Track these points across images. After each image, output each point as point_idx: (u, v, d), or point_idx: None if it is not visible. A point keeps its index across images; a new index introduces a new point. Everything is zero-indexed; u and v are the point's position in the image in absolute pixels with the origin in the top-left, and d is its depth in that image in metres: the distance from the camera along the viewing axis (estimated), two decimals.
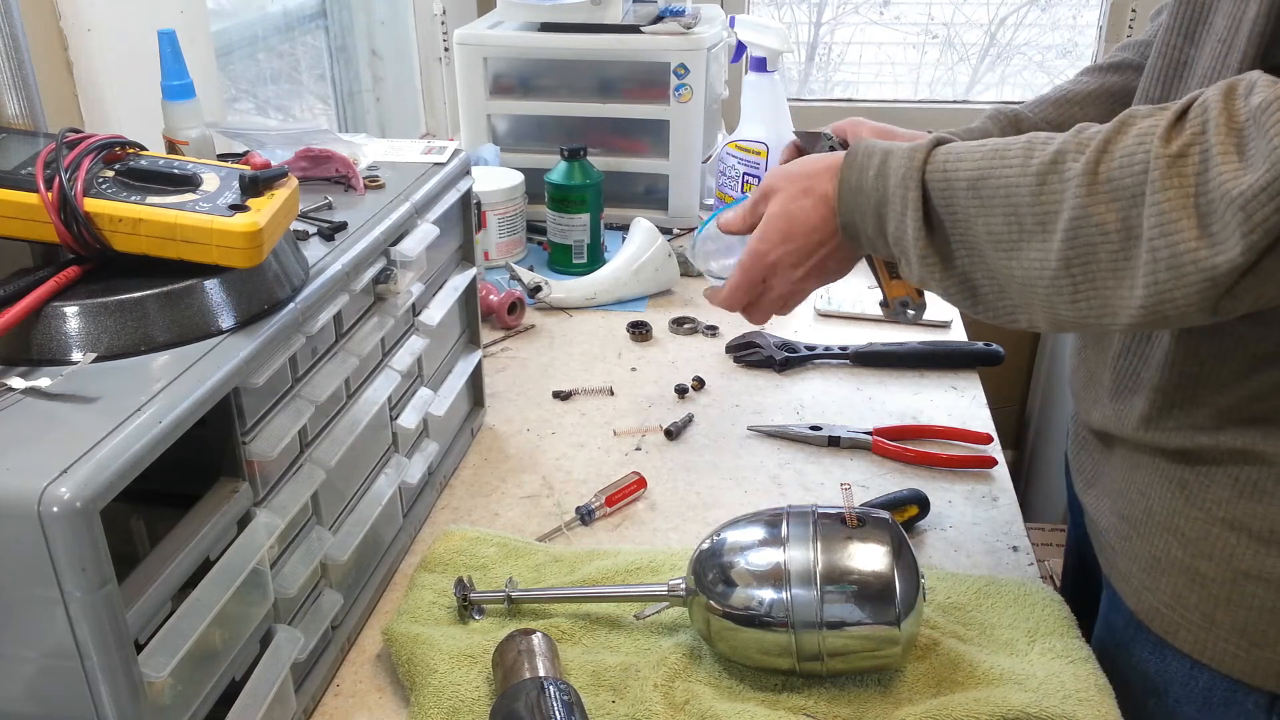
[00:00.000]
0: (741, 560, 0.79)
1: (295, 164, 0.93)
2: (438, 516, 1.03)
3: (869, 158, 0.78)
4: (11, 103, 0.79)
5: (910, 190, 0.73)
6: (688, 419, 1.18)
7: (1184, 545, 0.76)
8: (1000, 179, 0.68)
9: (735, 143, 1.54)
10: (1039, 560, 0.97)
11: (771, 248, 0.84)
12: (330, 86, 1.85)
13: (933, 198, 0.73)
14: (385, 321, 0.87)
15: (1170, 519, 0.77)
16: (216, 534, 0.63)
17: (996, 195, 0.69)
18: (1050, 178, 0.66)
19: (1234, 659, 0.75)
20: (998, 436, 1.14)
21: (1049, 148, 0.67)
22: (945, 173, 0.72)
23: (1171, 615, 0.78)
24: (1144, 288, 0.61)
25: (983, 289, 0.73)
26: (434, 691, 0.77)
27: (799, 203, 0.82)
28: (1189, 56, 0.75)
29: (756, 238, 0.85)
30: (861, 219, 0.79)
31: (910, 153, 0.74)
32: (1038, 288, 0.68)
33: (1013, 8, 2.29)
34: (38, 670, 0.54)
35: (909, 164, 0.74)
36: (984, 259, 0.71)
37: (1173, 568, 0.77)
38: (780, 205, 0.84)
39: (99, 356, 0.61)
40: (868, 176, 0.78)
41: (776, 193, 0.84)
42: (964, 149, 0.72)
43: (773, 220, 0.84)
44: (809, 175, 0.83)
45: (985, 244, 0.70)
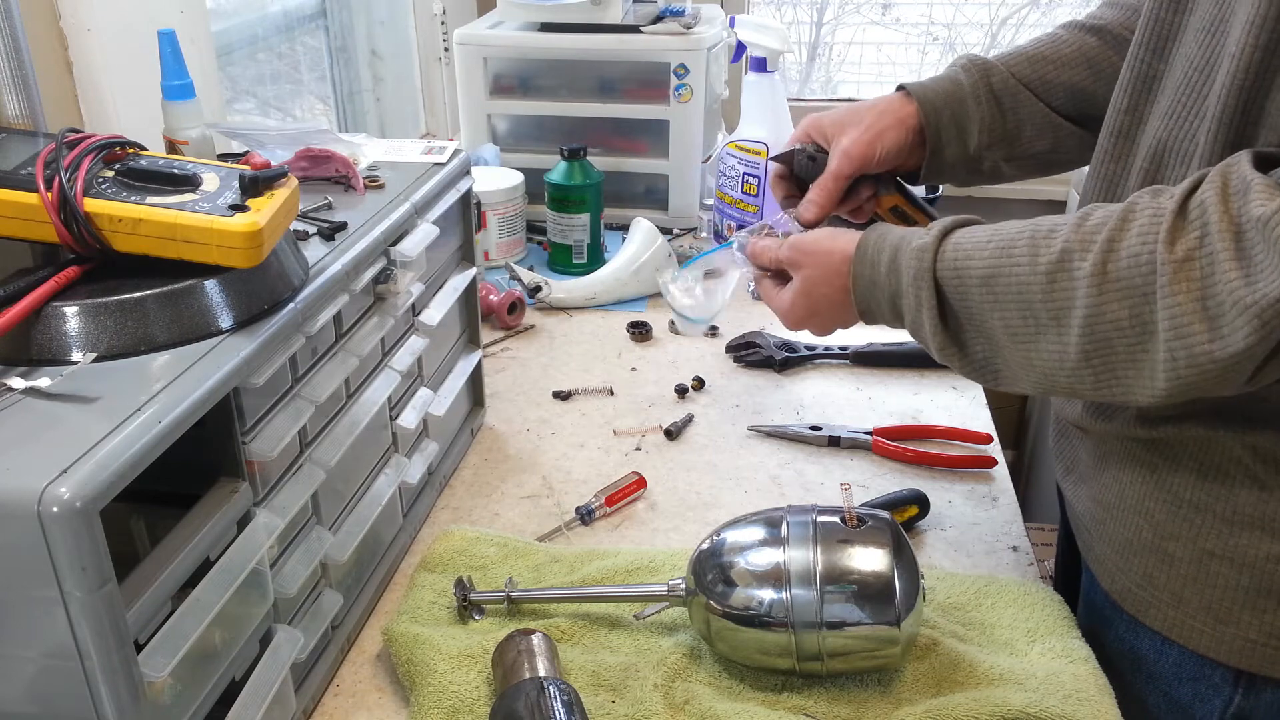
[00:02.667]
0: (741, 560, 0.79)
1: (295, 164, 0.93)
2: (438, 516, 1.03)
3: (879, 253, 0.81)
4: (11, 103, 0.79)
5: (923, 289, 0.76)
6: (688, 419, 1.18)
7: (1153, 528, 0.79)
8: (1010, 276, 0.71)
9: (735, 143, 1.54)
10: (1039, 560, 0.97)
11: (800, 319, 0.90)
12: (330, 86, 1.85)
13: (947, 293, 0.76)
14: (385, 321, 0.87)
15: (1140, 503, 0.79)
16: (216, 534, 0.63)
17: (1009, 292, 0.71)
18: (1059, 276, 0.68)
19: (1201, 635, 0.77)
20: (998, 436, 1.14)
21: (1054, 244, 0.69)
22: (957, 270, 0.75)
23: (1143, 594, 0.80)
24: (1165, 380, 0.65)
25: (1002, 373, 0.76)
26: (434, 691, 0.77)
27: (819, 289, 0.87)
28: (1158, 72, 0.77)
29: (787, 306, 0.90)
30: (878, 308, 0.83)
31: (919, 252, 0.77)
32: (1059, 376, 0.71)
33: (1013, 8, 2.29)
34: (38, 670, 0.54)
35: (919, 264, 0.76)
36: (1000, 348, 0.74)
37: (1143, 549, 0.80)
38: (803, 287, 0.88)
39: (99, 356, 0.61)
40: (879, 272, 0.81)
41: (801, 270, 0.88)
42: (971, 244, 0.75)
43: (798, 298, 0.89)
44: (827, 266, 0.86)
45: (1002, 336, 0.73)
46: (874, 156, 0.95)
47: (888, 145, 0.95)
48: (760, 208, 1.53)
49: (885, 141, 0.95)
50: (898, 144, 0.95)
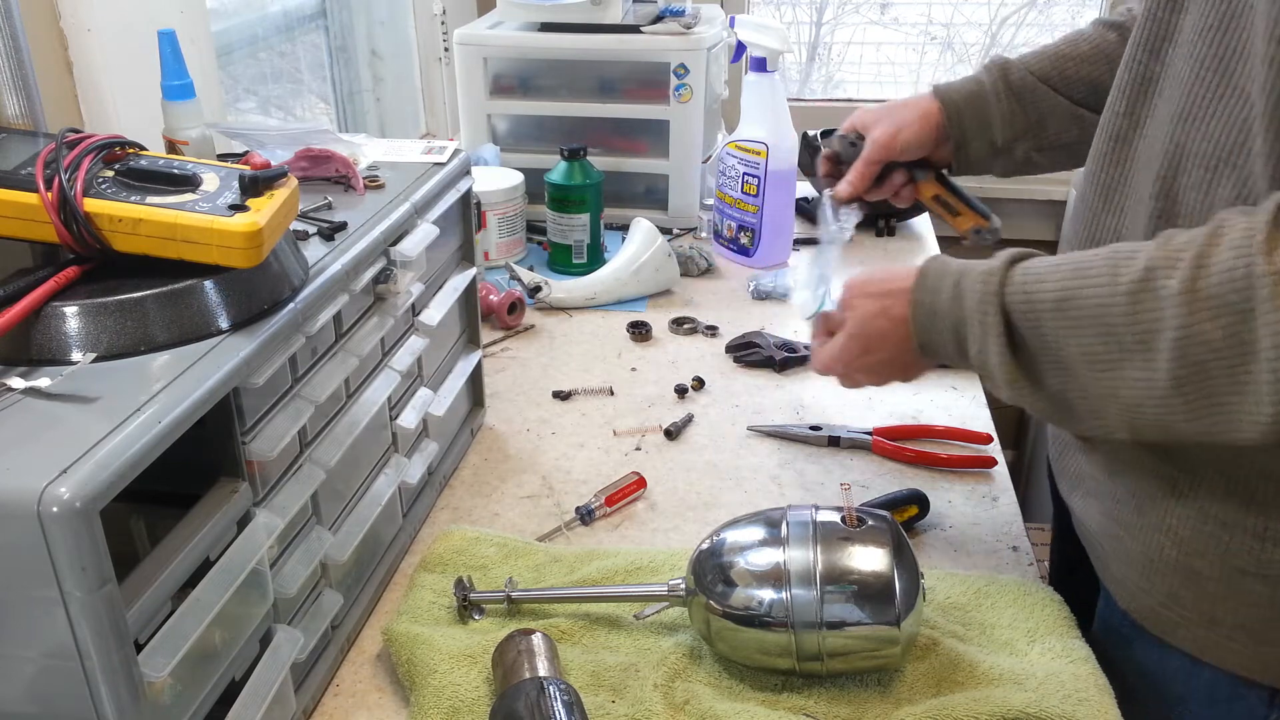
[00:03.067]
0: (741, 560, 0.79)
1: (295, 164, 0.93)
2: (438, 516, 1.03)
3: (941, 279, 0.77)
4: (11, 103, 0.79)
5: (990, 315, 0.72)
6: (688, 419, 1.18)
7: (1177, 544, 0.76)
8: (1088, 298, 0.66)
9: (735, 143, 1.54)
10: (1039, 560, 0.97)
11: (852, 359, 0.85)
12: (330, 86, 1.85)
13: (1015, 320, 0.71)
14: (385, 321, 0.87)
15: (1162, 519, 0.77)
16: (216, 534, 0.63)
17: (1086, 315, 0.67)
18: (1143, 295, 0.64)
19: (1237, 655, 0.75)
20: (998, 436, 1.14)
21: (1135, 263, 0.65)
22: (1027, 294, 0.70)
23: (1169, 615, 0.78)
24: (1273, 404, 0.60)
25: (1078, 408, 0.70)
26: (434, 691, 0.77)
27: (875, 324, 0.82)
28: (1154, 73, 0.76)
29: (838, 348, 0.86)
30: (940, 340, 0.78)
31: (985, 275, 0.73)
32: (1146, 407, 0.66)
33: (1013, 8, 2.29)
34: (38, 670, 0.54)
35: (984, 287, 0.72)
36: (1078, 379, 0.69)
37: (1167, 567, 0.77)
38: (857, 325, 0.84)
39: (99, 356, 0.61)
40: (941, 299, 0.76)
41: (854, 308, 0.84)
42: (1042, 268, 0.70)
43: (851, 339, 0.84)
44: (884, 295, 0.82)
45: (1080, 364, 0.68)
46: (896, 146, 1.05)
47: (907, 138, 1.04)
48: (760, 208, 1.53)
49: (905, 134, 1.05)
50: (918, 137, 1.05)
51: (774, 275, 1.52)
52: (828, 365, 0.88)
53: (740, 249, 1.60)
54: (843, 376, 0.88)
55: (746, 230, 1.57)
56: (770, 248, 1.57)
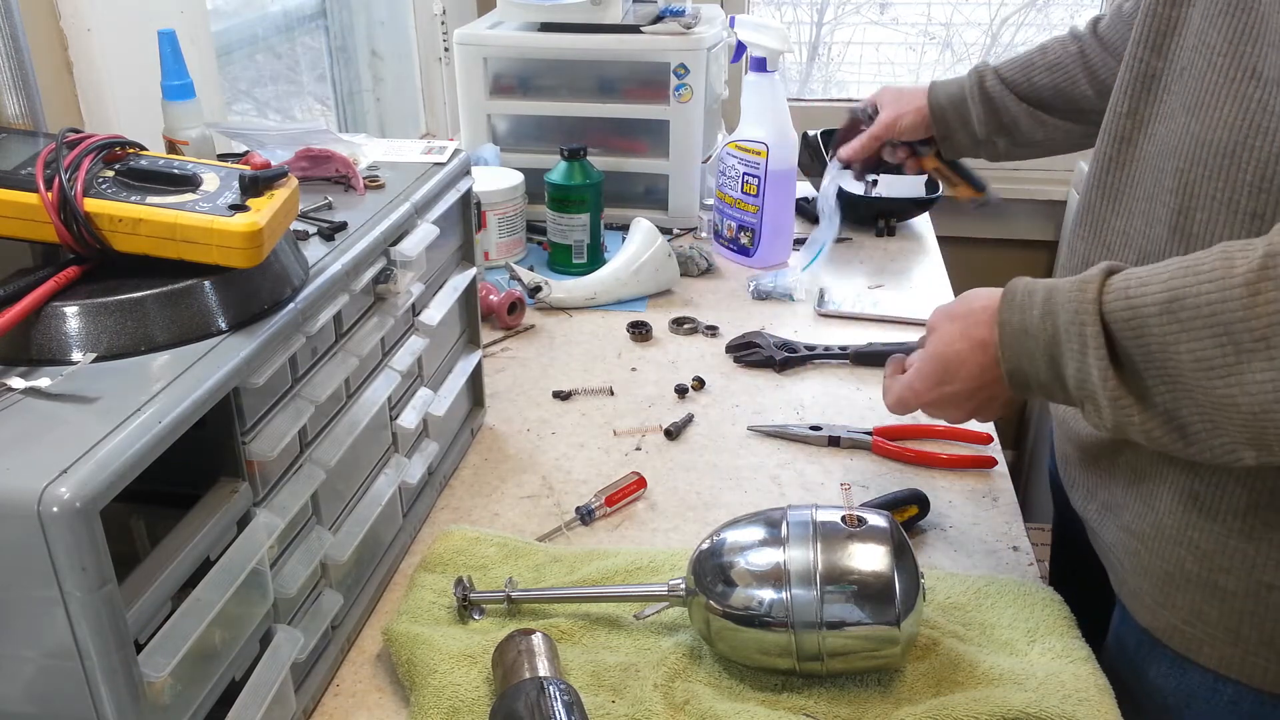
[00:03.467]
0: (741, 560, 0.79)
1: (295, 164, 0.93)
2: (438, 516, 1.03)
3: (1030, 295, 0.71)
4: (11, 103, 0.79)
5: (1088, 326, 0.65)
6: (688, 419, 1.18)
7: (1199, 559, 0.74)
8: (1200, 297, 0.60)
9: (735, 143, 1.54)
10: (1039, 560, 0.97)
11: (928, 387, 0.80)
12: (330, 87, 1.85)
13: (1116, 331, 0.65)
14: (385, 321, 0.87)
15: (1183, 532, 0.74)
16: (216, 534, 0.63)
17: (1199, 316, 0.60)
18: (1265, 285, 0.57)
19: (1264, 671, 0.73)
20: (998, 436, 1.14)
21: (1252, 253, 0.59)
22: (1129, 300, 0.64)
23: (1191, 631, 0.76)
24: None
25: (1193, 426, 0.64)
26: (434, 691, 0.77)
27: (954, 347, 0.76)
28: (1157, 69, 0.75)
29: (914, 374, 0.81)
30: (1031, 364, 0.71)
31: (1080, 285, 0.67)
32: (1275, 414, 0.59)
33: (1013, 8, 2.29)
34: (38, 670, 0.54)
35: (1080, 296, 0.66)
36: (1190, 391, 0.62)
37: (1188, 583, 0.75)
38: (935, 347, 0.78)
39: (99, 356, 0.61)
40: (1032, 316, 0.70)
41: (934, 331, 0.80)
42: (1145, 273, 0.64)
43: (928, 361, 0.79)
44: (966, 316, 0.76)
45: (1193, 373, 0.61)
46: (896, 129, 1.33)
47: (905, 124, 1.32)
48: (760, 208, 1.53)
49: (904, 121, 1.32)
50: (914, 125, 1.32)
51: (774, 275, 1.52)
52: (901, 397, 0.82)
53: (740, 249, 1.60)
54: (918, 409, 0.82)
55: (746, 230, 1.57)
56: (770, 248, 1.57)
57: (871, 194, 1.77)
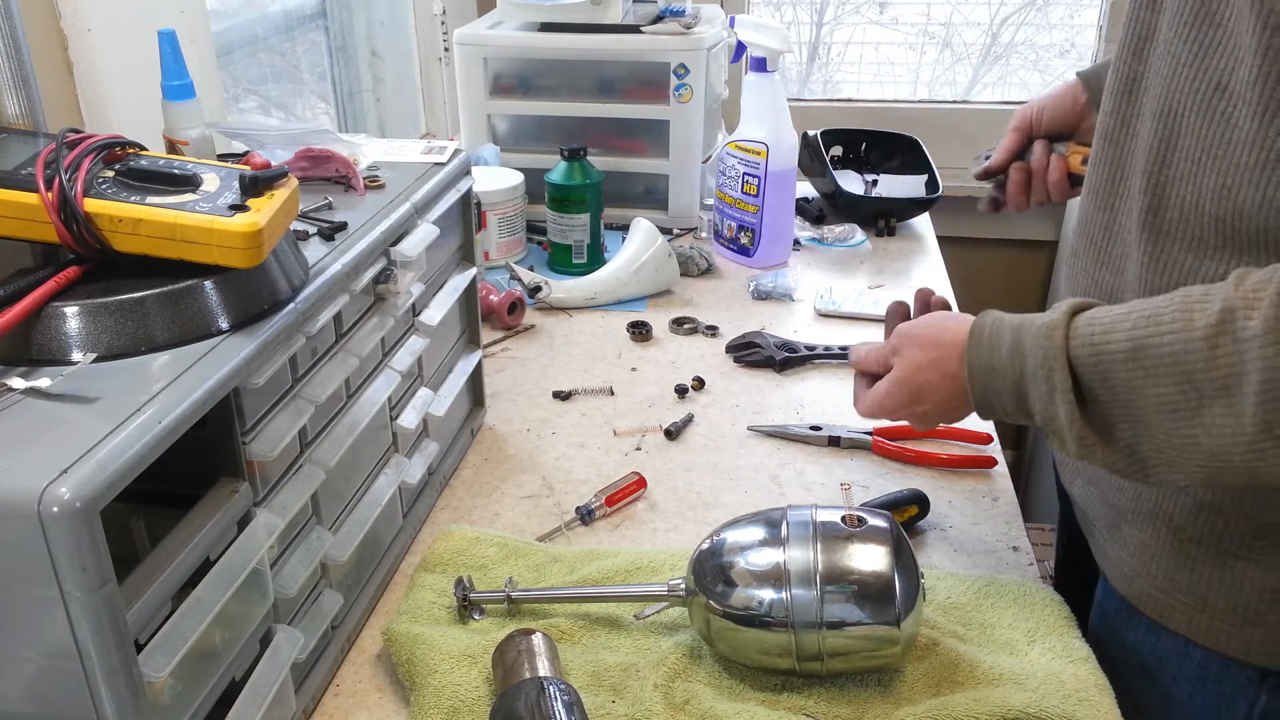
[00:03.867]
0: (741, 560, 0.79)
1: (295, 164, 0.93)
2: (438, 516, 1.03)
3: (997, 335, 0.74)
4: (11, 103, 0.79)
5: (1056, 371, 0.68)
6: (688, 419, 1.18)
7: (1173, 531, 0.78)
8: (1162, 346, 0.63)
9: (735, 143, 1.54)
10: (1039, 560, 0.97)
11: (899, 408, 0.83)
12: (330, 86, 1.85)
13: (1083, 375, 0.68)
14: (385, 321, 0.87)
15: (1158, 506, 0.78)
16: (216, 534, 0.63)
17: (1162, 364, 0.64)
18: (1222, 339, 0.61)
19: (1227, 637, 0.77)
20: (998, 436, 1.14)
21: (1210, 305, 0.62)
22: (1095, 347, 0.67)
23: (1164, 599, 0.80)
24: None
25: (1153, 460, 0.67)
26: (434, 691, 0.77)
27: (925, 376, 0.79)
28: (1138, 73, 0.77)
29: (883, 394, 0.83)
30: (998, 399, 0.74)
31: (1047, 330, 0.70)
32: (1233, 455, 0.62)
33: (1014, 8, 2.29)
34: (38, 670, 0.54)
35: (1049, 343, 0.69)
36: (1152, 431, 0.66)
37: (1163, 552, 0.79)
38: (905, 372, 0.81)
39: (99, 356, 0.61)
40: (1000, 356, 0.73)
41: (900, 354, 0.82)
42: (1108, 319, 0.67)
43: (898, 385, 0.82)
44: (936, 346, 0.79)
45: (1156, 416, 0.65)
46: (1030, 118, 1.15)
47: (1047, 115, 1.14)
48: (760, 208, 1.53)
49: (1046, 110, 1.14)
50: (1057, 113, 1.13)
51: (774, 275, 1.52)
52: (871, 410, 0.86)
53: (740, 249, 1.60)
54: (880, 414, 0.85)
55: (746, 230, 1.57)
56: (770, 248, 1.57)
57: (871, 194, 1.77)
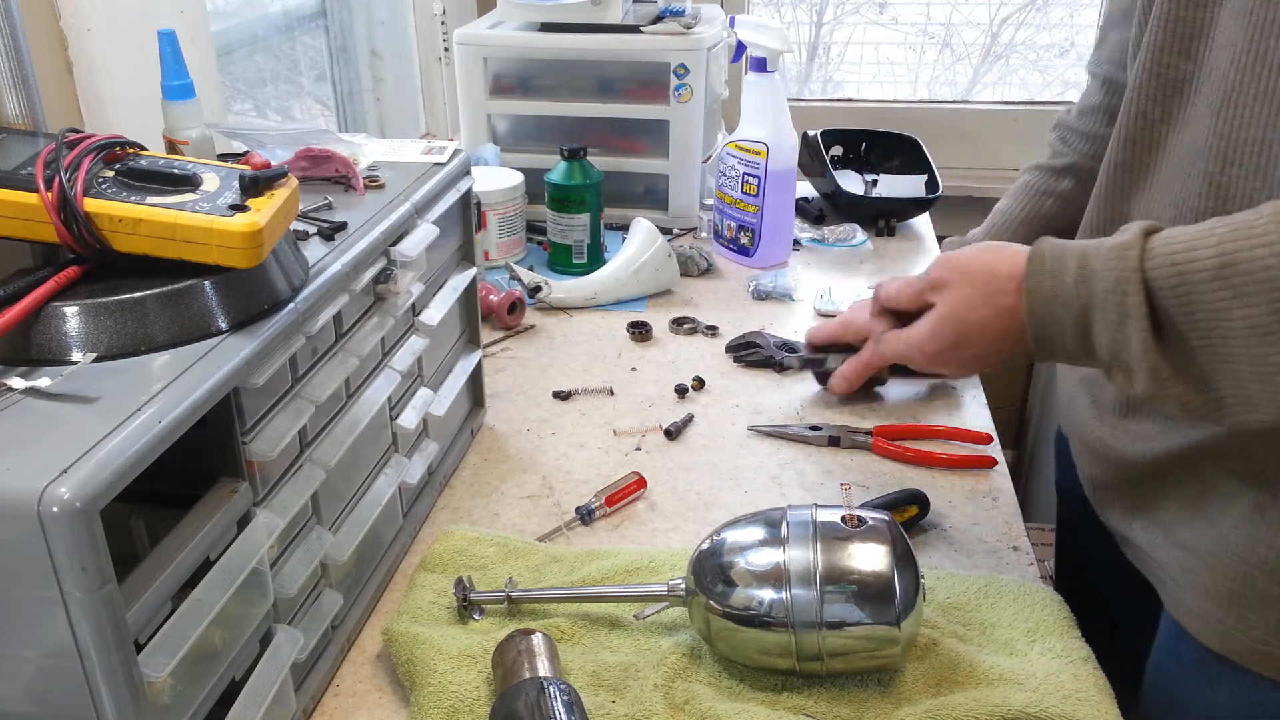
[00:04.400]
0: (741, 560, 0.79)
1: (295, 164, 0.93)
2: (438, 516, 1.03)
3: (1061, 260, 0.68)
4: (11, 103, 0.79)
5: (1130, 295, 0.62)
6: (688, 419, 1.18)
7: (1268, 575, 0.71)
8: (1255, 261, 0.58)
9: (735, 143, 1.54)
10: (1039, 560, 0.97)
11: (941, 349, 0.76)
12: (330, 87, 1.85)
13: (1161, 298, 0.62)
14: (385, 321, 0.87)
15: (1250, 549, 0.71)
16: (216, 534, 0.63)
17: (1252, 281, 0.58)
18: None
19: None
20: (998, 436, 1.14)
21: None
22: (1175, 267, 0.61)
23: (1265, 650, 0.73)
24: None
25: (1231, 396, 0.62)
26: (434, 691, 0.77)
27: (977, 312, 0.73)
28: (1186, 73, 0.72)
29: (925, 334, 0.77)
30: (1059, 331, 0.68)
31: (1119, 250, 0.64)
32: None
33: (1014, 8, 2.29)
34: (38, 670, 0.54)
35: (1121, 264, 0.63)
36: (1234, 360, 0.60)
37: (1259, 600, 0.72)
38: (952, 308, 0.74)
39: (99, 356, 0.61)
40: (1063, 283, 0.67)
41: (947, 289, 0.75)
42: (1188, 236, 0.62)
43: (944, 323, 0.75)
44: (988, 281, 0.72)
45: (1243, 340, 0.59)
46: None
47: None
48: (760, 208, 1.53)
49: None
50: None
51: (774, 275, 1.52)
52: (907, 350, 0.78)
53: (740, 249, 1.60)
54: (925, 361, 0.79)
55: (746, 230, 1.57)
56: (770, 248, 1.57)
57: (871, 194, 1.77)
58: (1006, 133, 2.19)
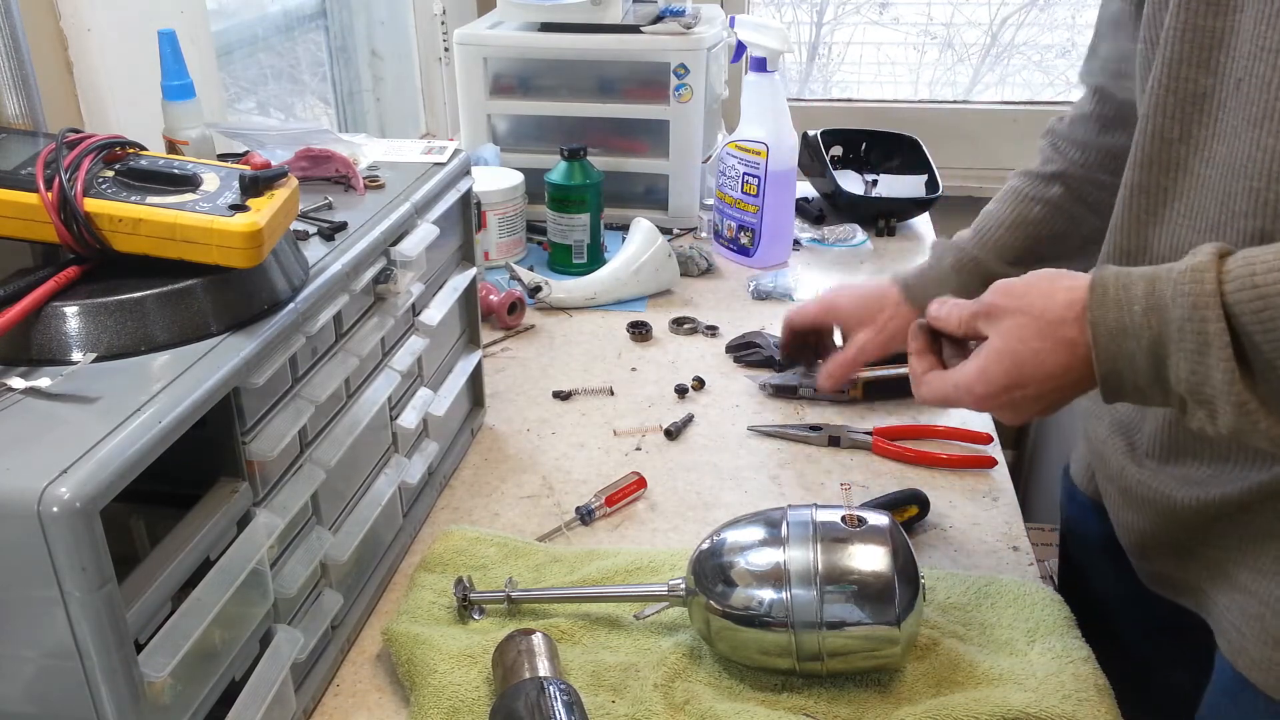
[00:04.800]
0: (741, 560, 0.79)
1: (295, 164, 0.93)
2: (438, 516, 1.03)
3: (1126, 289, 0.61)
4: (11, 103, 0.79)
5: (1211, 322, 0.57)
6: (688, 419, 1.18)
7: None
8: None
9: (735, 143, 1.54)
10: (1039, 560, 0.97)
11: (993, 391, 0.69)
12: (330, 86, 1.85)
13: (1243, 324, 0.56)
14: (385, 321, 0.87)
15: None
16: (216, 534, 0.63)
17: None
18: None
19: None
20: (998, 436, 1.14)
21: None
22: (1259, 289, 0.56)
23: None
24: None
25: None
26: (434, 691, 0.77)
27: (1031, 345, 0.66)
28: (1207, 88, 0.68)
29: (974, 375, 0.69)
30: (1130, 367, 0.62)
31: (1193, 274, 0.58)
32: None
33: (1014, 7, 2.29)
34: (38, 670, 0.54)
35: (1196, 289, 0.57)
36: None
37: None
38: (1006, 343, 0.67)
39: (99, 356, 0.61)
40: (1133, 314, 0.60)
41: (1002, 319, 0.68)
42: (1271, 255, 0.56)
43: (998, 359, 0.68)
44: (1044, 311, 0.65)
45: None
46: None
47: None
48: (760, 208, 1.53)
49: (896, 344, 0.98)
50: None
51: (774, 275, 1.52)
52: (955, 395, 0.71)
53: (740, 249, 1.60)
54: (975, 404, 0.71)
55: (746, 230, 1.57)
56: (770, 248, 1.57)
57: (871, 194, 1.77)
58: (1006, 133, 2.19)
